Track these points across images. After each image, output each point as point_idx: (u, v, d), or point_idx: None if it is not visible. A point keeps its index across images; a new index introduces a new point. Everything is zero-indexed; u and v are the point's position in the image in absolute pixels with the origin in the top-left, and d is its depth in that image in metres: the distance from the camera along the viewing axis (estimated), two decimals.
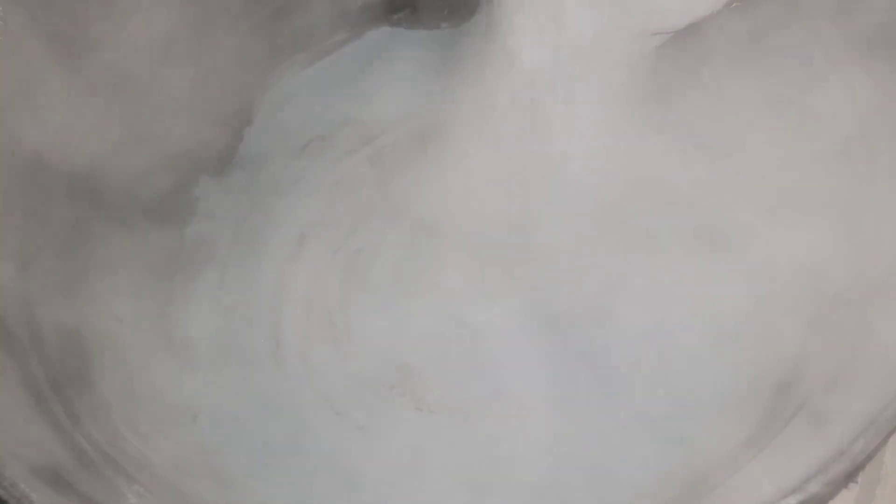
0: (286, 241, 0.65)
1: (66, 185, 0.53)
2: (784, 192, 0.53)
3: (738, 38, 0.55)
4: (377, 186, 0.66)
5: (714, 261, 0.58)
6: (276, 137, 0.68)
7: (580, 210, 0.61)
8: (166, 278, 0.63)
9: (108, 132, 0.56)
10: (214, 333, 0.61)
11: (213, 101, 0.64)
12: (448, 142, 0.64)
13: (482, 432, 0.58)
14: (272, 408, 0.59)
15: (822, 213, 0.49)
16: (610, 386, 0.58)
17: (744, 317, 0.56)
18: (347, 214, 0.65)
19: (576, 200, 0.61)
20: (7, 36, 0.48)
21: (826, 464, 0.35)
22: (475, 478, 0.56)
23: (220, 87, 0.64)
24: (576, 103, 0.58)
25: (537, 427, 0.58)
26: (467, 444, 0.58)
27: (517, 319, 0.61)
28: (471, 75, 0.61)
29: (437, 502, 0.56)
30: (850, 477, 0.37)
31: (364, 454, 0.58)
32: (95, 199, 0.56)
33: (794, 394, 0.44)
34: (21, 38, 0.49)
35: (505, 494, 0.56)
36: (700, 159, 0.59)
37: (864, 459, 0.36)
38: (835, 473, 0.35)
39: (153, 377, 0.57)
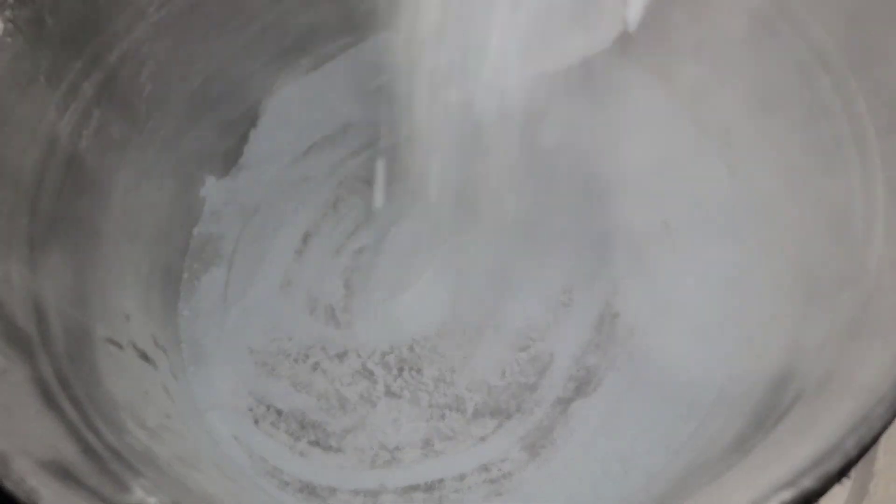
0: (290, 240, 0.66)
1: (73, 182, 0.53)
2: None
3: None
4: (380, 187, 0.66)
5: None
6: (280, 139, 0.68)
7: None
8: (173, 276, 0.63)
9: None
10: (220, 330, 0.62)
11: (218, 104, 0.64)
12: None
13: None
14: None
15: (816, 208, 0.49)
16: None
17: (736, 312, 0.56)
18: (350, 214, 0.66)
19: None
20: None
21: (820, 459, 0.36)
22: None
23: (226, 90, 0.65)
24: None
25: None
26: None
27: None
28: None
29: None
30: (843, 472, 0.37)
31: None
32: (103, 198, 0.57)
33: (788, 390, 0.45)
34: None
35: None
36: None
37: (858, 455, 0.37)
38: (828, 469, 0.36)
39: (160, 373, 0.57)
